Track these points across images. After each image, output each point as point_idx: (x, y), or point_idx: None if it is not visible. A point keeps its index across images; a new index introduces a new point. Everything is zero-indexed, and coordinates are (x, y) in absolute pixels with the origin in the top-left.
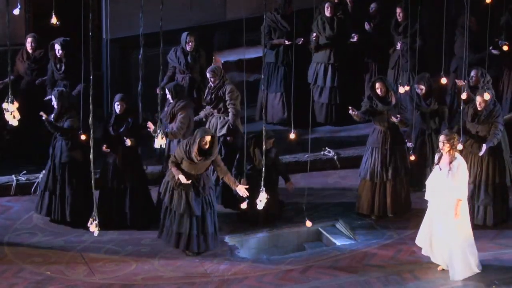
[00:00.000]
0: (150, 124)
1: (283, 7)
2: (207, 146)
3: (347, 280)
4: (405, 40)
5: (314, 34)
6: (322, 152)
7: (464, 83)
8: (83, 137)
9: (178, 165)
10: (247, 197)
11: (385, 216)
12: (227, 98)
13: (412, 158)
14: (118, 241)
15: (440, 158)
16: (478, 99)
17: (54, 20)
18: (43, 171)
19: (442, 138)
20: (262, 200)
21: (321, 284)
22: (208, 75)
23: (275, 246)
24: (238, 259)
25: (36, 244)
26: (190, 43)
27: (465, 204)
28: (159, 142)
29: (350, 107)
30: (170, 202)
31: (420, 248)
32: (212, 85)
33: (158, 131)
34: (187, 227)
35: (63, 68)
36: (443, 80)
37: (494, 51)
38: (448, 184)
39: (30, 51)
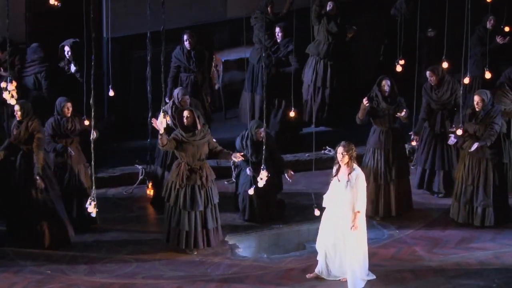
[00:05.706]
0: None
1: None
2: (188, 120)
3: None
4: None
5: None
6: (322, 151)
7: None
8: (86, 122)
9: (170, 141)
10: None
11: (389, 216)
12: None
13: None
14: (119, 240)
15: (338, 169)
16: (476, 98)
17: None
18: None
19: (340, 149)
20: (262, 178)
21: (321, 283)
22: (184, 104)
23: (275, 245)
24: (239, 258)
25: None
26: (188, 40)
27: (363, 215)
28: (161, 119)
29: (365, 97)
30: (175, 202)
31: (421, 247)
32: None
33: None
34: (191, 224)
35: (73, 69)
36: (444, 64)
37: (500, 40)
38: (347, 196)
39: None
